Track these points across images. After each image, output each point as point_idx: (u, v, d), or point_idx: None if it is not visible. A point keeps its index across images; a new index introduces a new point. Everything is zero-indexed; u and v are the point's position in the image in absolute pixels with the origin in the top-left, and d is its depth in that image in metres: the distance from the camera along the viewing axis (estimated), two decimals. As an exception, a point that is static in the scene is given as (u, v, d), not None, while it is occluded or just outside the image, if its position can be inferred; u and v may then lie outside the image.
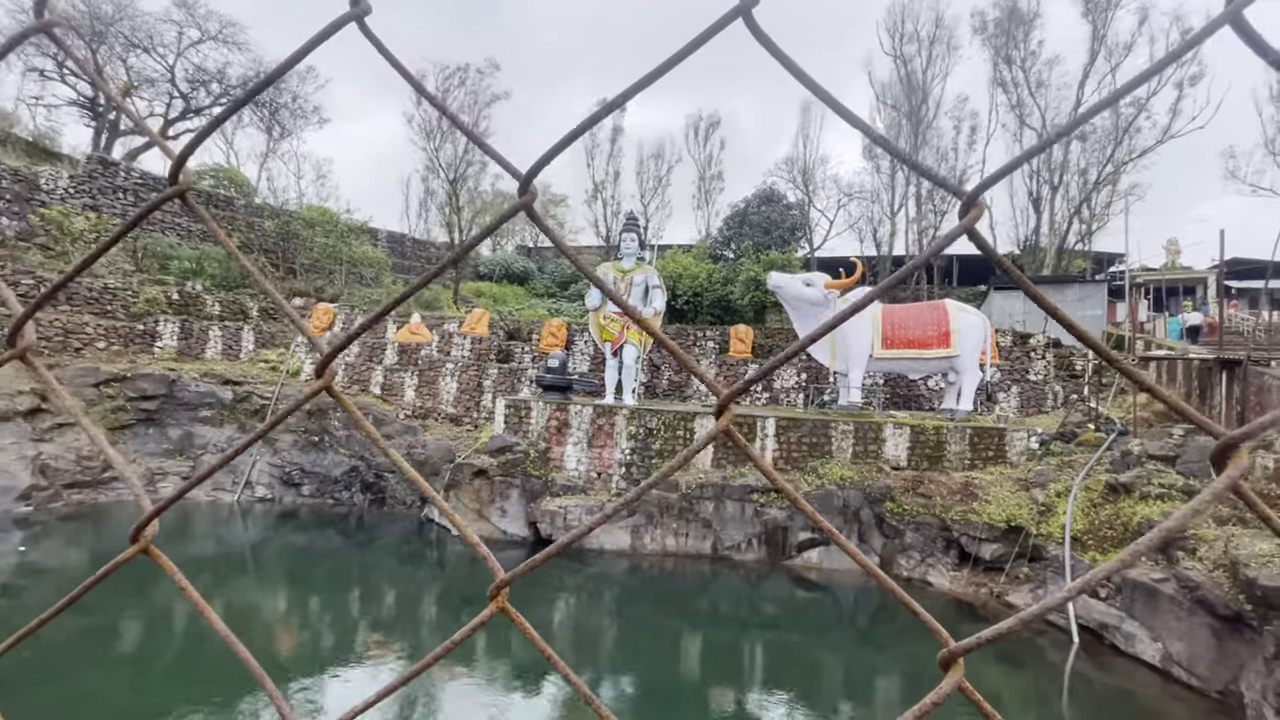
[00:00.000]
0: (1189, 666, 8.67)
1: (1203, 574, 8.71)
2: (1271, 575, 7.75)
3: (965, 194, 0.60)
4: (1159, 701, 8.40)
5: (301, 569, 12.33)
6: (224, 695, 7.42)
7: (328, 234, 26.83)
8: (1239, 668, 8.17)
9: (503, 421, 15.59)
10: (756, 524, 13.71)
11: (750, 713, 8.03)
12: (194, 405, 17.12)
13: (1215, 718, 7.96)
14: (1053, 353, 19.83)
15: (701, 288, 25.81)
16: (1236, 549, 8.50)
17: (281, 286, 24.62)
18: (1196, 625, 8.62)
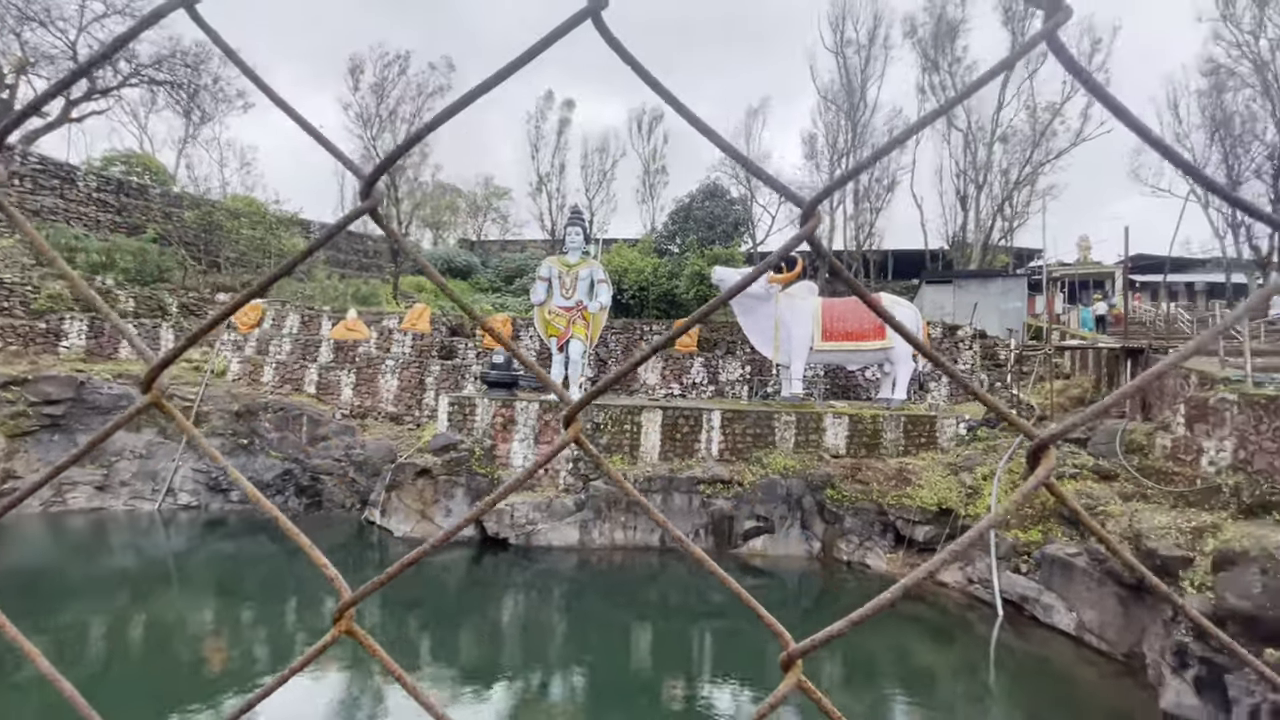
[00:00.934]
0: (1099, 633, 9.38)
1: (1111, 547, 9.41)
2: (1169, 545, 8.47)
3: (805, 203, 0.62)
4: (1073, 666, 9.05)
5: (232, 579, 11.71)
6: (147, 716, 7.00)
7: (254, 225, 25.47)
8: (1141, 631, 8.90)
9: (446, 419, 15.24)
10: (704, 514, 13.93)
11: (700, 700, 8.18)
12: (107, 409, 15.95)
13: (1121, 678, 8.64)
14: (979, 343, 20.95)
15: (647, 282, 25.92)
16: (1139, 523, 9.24)
17: (204, 281, 23.23)
18: (1105, 595, 9.33)
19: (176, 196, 26.78)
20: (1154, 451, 11.10)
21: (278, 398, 17.45)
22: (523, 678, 8.63)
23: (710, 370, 19.72)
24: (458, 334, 21.31)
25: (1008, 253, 36.04)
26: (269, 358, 18.80)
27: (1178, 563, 8.19)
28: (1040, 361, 17.78)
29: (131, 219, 24.51)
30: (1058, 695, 8.39)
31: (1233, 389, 9.53)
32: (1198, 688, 7.22)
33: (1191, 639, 7.39)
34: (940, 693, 8.60)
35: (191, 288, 22.25)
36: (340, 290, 25.28)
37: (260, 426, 16.64)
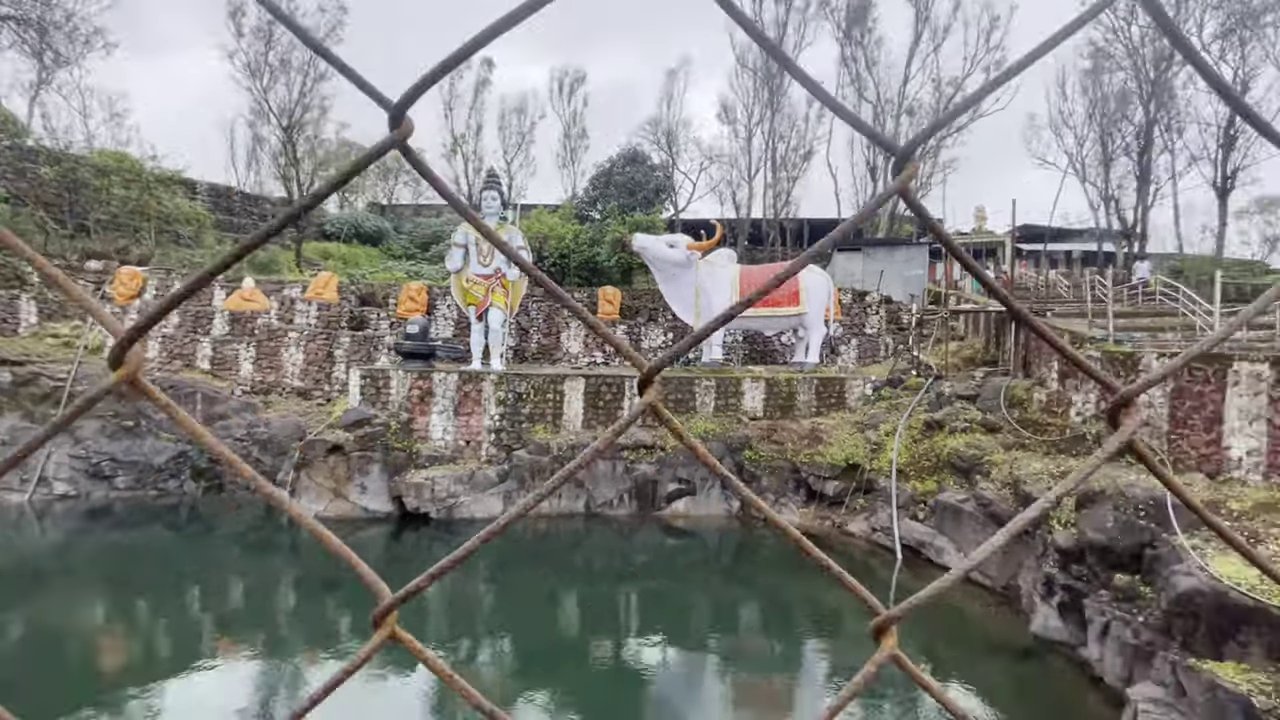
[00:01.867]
0: (982, 570, 10.38)
1: (994, 492, 10.40)
2: (1041, 489, 9.44)
3: (898, 149, 0.55)
4: (961, 600, 10.01)
5: (122, 571, 10.85)
6: None
7: (128, 184, 22.91)
8: (1018, 566, 9.94)
9: (359, 393, 14.58)
10: (627, 480, 14.18)
11: (627, 658, 8.45)
12: (-43, 392, 14.15)
13: (1000, 608, 9.66)
14: (884, 308, 22.17)
15: (568, 249, 25.53)
16: (1018, 469, 10.23)
17: (70, 247, 20.78)
18: (988, 535, 10.30)
19: (31, 150, 23.58)
20: (1032, 405, 12.25)
21: (166, 374, 16.07)
22: (449, 650, 8.59)
23: (633, 338, 19.84)
24: (369, 303, 20.27)
25: (912, 222, 38.09)
26: (153, 331, 17.17)
27: (1048, 504, 9.15)
28: (938, 325, 19.06)
29: (-26, 175, 21.44)
30: (948, 627, 9.27)
31: (1097, 346, 10.62)
32: (1061, 612, 8.18)
33: (1058, 570, 8.34)
34: (846, 630, 9.30)
35: (55, 254, 19.85)
36: (234, 257, 23.31)
37: (146, 406, 15.27)
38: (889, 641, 0.60)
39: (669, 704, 7.22)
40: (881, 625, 0.60)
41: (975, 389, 14.03)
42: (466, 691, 0.64)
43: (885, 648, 0.60)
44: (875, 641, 0.60)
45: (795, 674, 8.16)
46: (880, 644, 0.60)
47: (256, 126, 34.20)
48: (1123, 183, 34.85)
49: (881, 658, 0.59)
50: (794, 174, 37.15)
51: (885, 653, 0.60)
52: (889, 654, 0.60)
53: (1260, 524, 7.02)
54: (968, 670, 8.01)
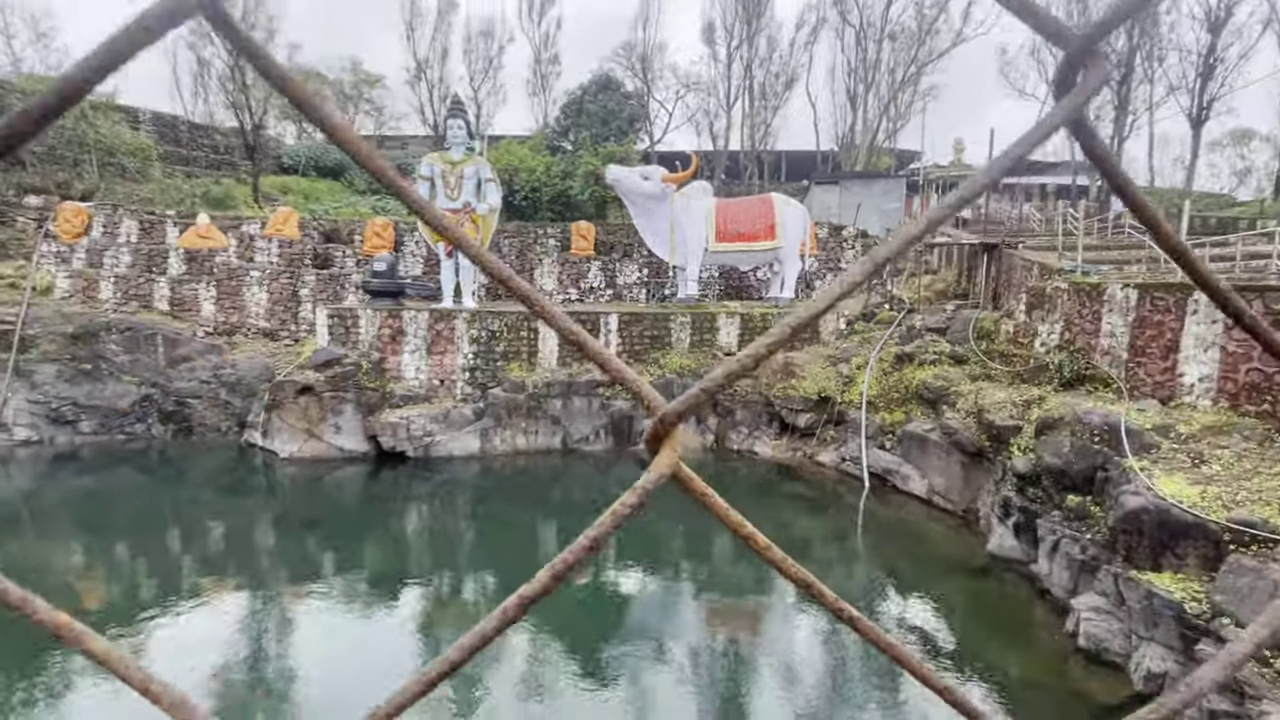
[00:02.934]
0: (945, 494, 10.86)
1: (959, 421, 10.73)
2: (1004, 417, 9.75)
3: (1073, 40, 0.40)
4: (923, 524, 10.50)
5: (95, 516, 10.76)
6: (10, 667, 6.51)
7: (63, 113, 21.29)
8: (978, 491, 10.40)
9: (327, 333, 14.25)
10: (603, 416, 14.30)
11: (606, 586, 8.75)
12: (-102, 336, 13.48)
13: (960, 530, 10.16)
14: (861, 242, 22.11)
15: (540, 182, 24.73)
16: (982, 399, 10.53)
17: (5, 181, 19.45)
18: (952, 462, 10.72)
19: (-53, 73, 21.66)
20: (999, 336, 12.49)
21: (123, 316, 15.47)
22: (430, 582, 8.79)
23: (608, 274, 19.57)
24: (333, 240, 19.55)
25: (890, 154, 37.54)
26: (105, 271, 16.43)
27: (1010, 431, 9.49)
28: (912, 258, 19.11)
29: (-113, 101, 19.69)
30: (911, 549, 9.75)
31: (1065, 278, 10.76)
32: (1016, 532, 8.63)
33: (1015, 493, 8.73)
34: (815, 556, 9.72)
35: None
36: (186, 191, 22.15)
37: (105, 349, 14.79)
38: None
39: (645, 627, 7.55)
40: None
41: (946, 322, 14.23)
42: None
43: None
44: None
45: (763, 596, 8.56)
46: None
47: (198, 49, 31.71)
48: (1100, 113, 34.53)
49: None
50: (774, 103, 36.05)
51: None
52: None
53: (1205, 445, 7.38)
54: (926, 586, 8.48)
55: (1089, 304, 9.92)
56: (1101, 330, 9.57)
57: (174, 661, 6.62)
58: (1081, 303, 10.11)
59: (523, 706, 5.98)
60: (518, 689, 6.22)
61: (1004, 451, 9.53)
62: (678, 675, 6.50)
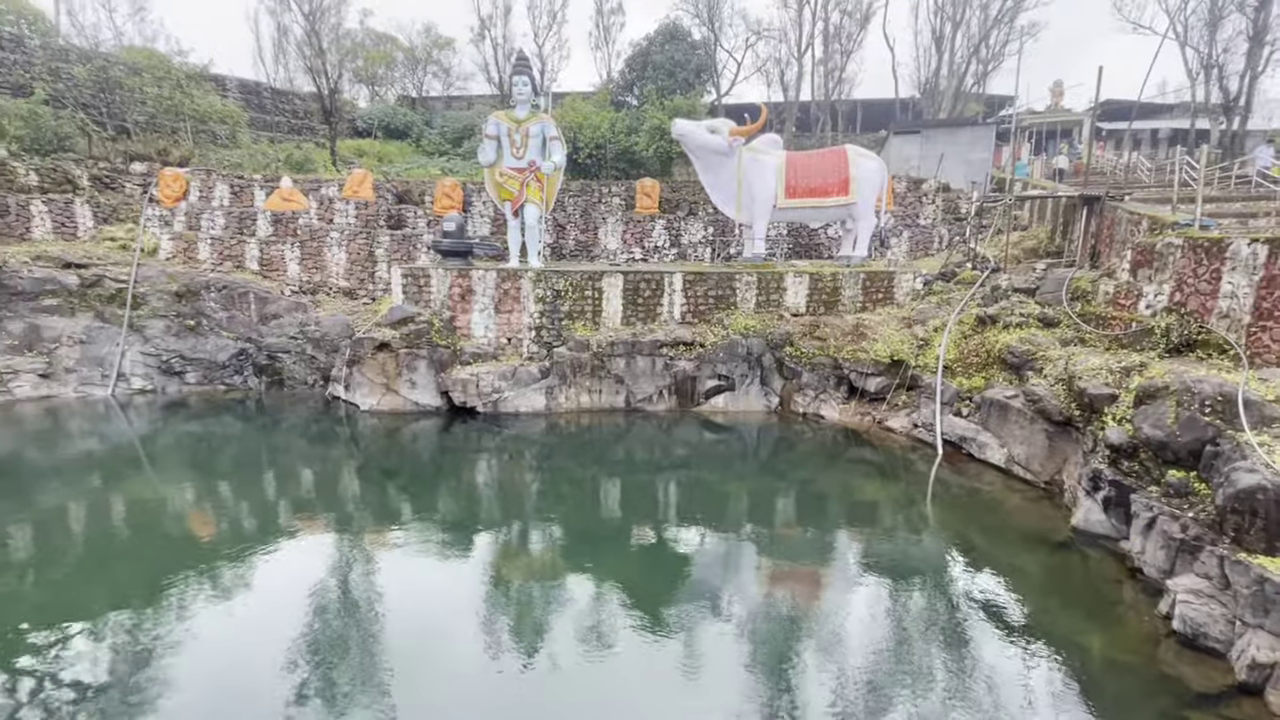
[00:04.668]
0: (1025, 464, 10.28)
1: (1045, 388, 10.05)
2: (1098, 385, 9.05)
3: None
4: (1000, 494, 10.01)
5: (204, 458, 11.79)
6: (137, 593, 7.28)
7: (159, 82, 22.60)
8: (1063, 462, 9.78)
9: (401, 292, 14.79)
10: (666, 376, 14.29)
11: (667, 543, 8.87)
12: (32, 294, 14.97)
13: (1040, 502, 9.63)
14: (942, 197, 20.74)
15: (604, 139, 24.39)
16: (1074, 365, 9.79)
17: (114, 149, 20.96)
18: (1035, 431, 10.10)
19: (62, 50, 23.29)
20: (1097, 298, 11.52)
21: (220, 275, 16.58)
22: (501, 531, 9.18)
23: (672, 233, 19.27)
24: (405, 201, 20.10)
25: (979, 100, 34.73)
26: (202, 233, 17.57)
27: (1104, 400, 8.81)
28: (1000, 213, 17.79)
29: (12, 77, 21.42)
30: (986, 520, 9.34)
31: (1180, 233, 9.72)
32: (1105, 507, 8.08)
33: (1106, 465, 8.14)
34: (883, 523, 9.49)
35: (101, 156, 20.10)
36: (270, 156, 23.20)
37: (205, 306, 15.94)
38: None
39: (705, 586, 7.62)
40: None
41: (1036, 281, 13.25)
42: None
43: None
44: None
45: (828, 561, 8.44)
46: None
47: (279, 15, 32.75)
48: (1230, 45, 30.50)
49: None
50: (848, 47, 33.89)
51: None
52: None
53: (1339, 421, 6.59)
54: (1002, 558, 8.12)
55: (1207, 262, 8.94)
56: (1220, 291, 8.63)
57: (272, 592, 7.24)
58: (1198, 260, 9.12)
59: (581, 663, 6.19)
60: (576, 645, 6.44)
61: (1096, 421, 8.88)
62: (735, 638, 6.55)
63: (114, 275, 15.84)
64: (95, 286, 15.63)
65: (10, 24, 23.29)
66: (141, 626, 6.47)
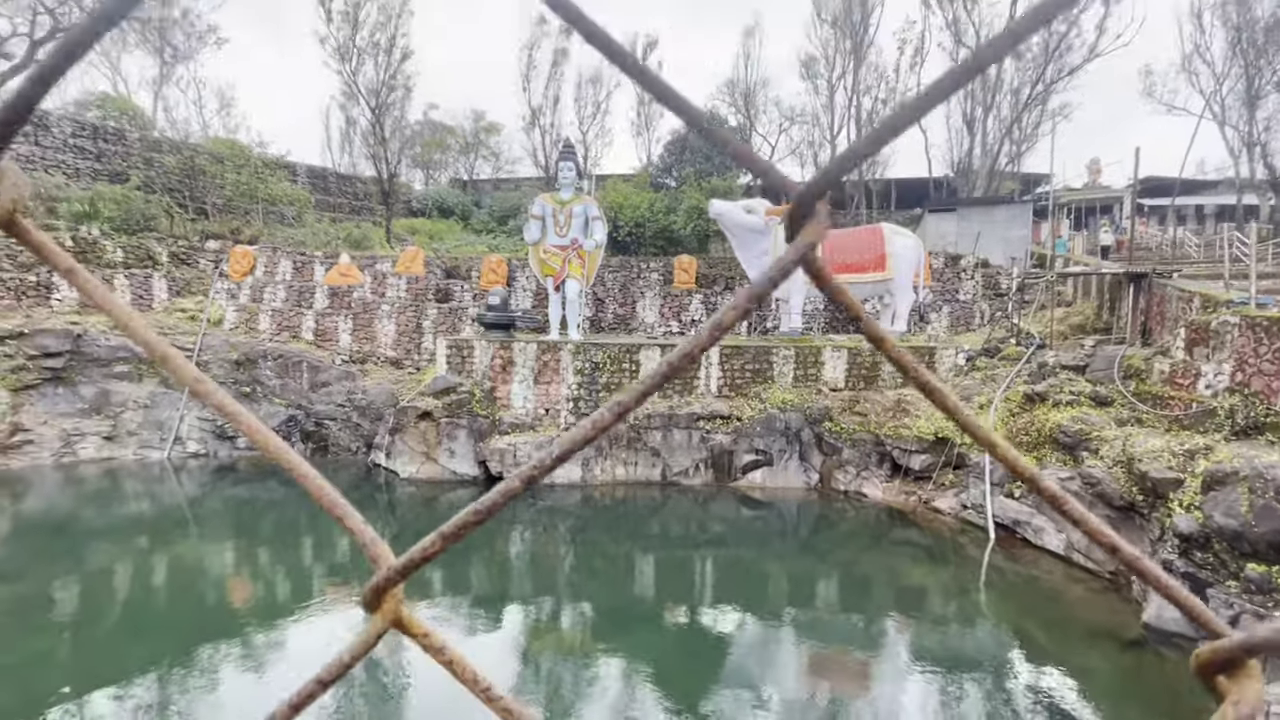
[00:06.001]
0: (1086, 553, 9.66)
1: (1103, 470, 9.57)
2: (1160, 468, 8.59)
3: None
4: (1061, 585, 9.37)
5: (247, 522, 12.05)
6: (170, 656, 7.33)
7: (239, 169, 24.76)
8: (1129, 550, 9.15)
9: (445, 362, 15.27)
10: (703, 449, 14.15)
11: (703, 623, 8.53)
12: (106, 361, 15.99)
13: (1106, 594, 8.96)
14: (981, 273, 20.67)
15: (643, 218, 25.38)
16: (1133, 447, 9.35)
17: (193, 229, 22.79)
18: (1096, 516, 9.53)
19: (156, 141, 25.90)
20: (1151, 376, 11.11)
21: (276, 345, 17.45)
22: (533, 606, 8.98)
23: (709, 307, 19.58)
24: (453, 276, 21.06)
25: (1014, 179, 35.06)
26: (264, 305, 18.67)
27: (1169, 484, 8.33)
28: (1043, 289, 17.58)
29: (112, 165, 23.82)
30: (1047, 612, 8.72)
31: (1235, 311, 9.43)
32: (1180, 601, 7.47)
33: (1177, 556, 7.60)
34: (933, 612, 8.94)
35: (180, 235, 21.85)
36: (331, 234, 24.83)
37: (261, 374, 16.71)
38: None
39: (743, 671, 7.24)
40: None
41: (1085, 359, 12.88)
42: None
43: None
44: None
45: (876, 650, 7.95)
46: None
47: (348, 108, 35.87)
48: (1271, 123, 30.42)
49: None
50: (881, 131, 34.90)
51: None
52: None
53: None
54: (1067, 656, 7.51)
55: (1268, 341, 8.60)
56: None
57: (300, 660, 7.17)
58: (1258, 339, 8.79)
59: (620, 744, 5.89)
60: (615, 725, 6.15)
61: (1161, 507, 8.37)
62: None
63: (181, 344, 16.82)
64: (163, 354, 16.60)
65: (115, 120, 26.11)
66: (170, 692, 6.46)
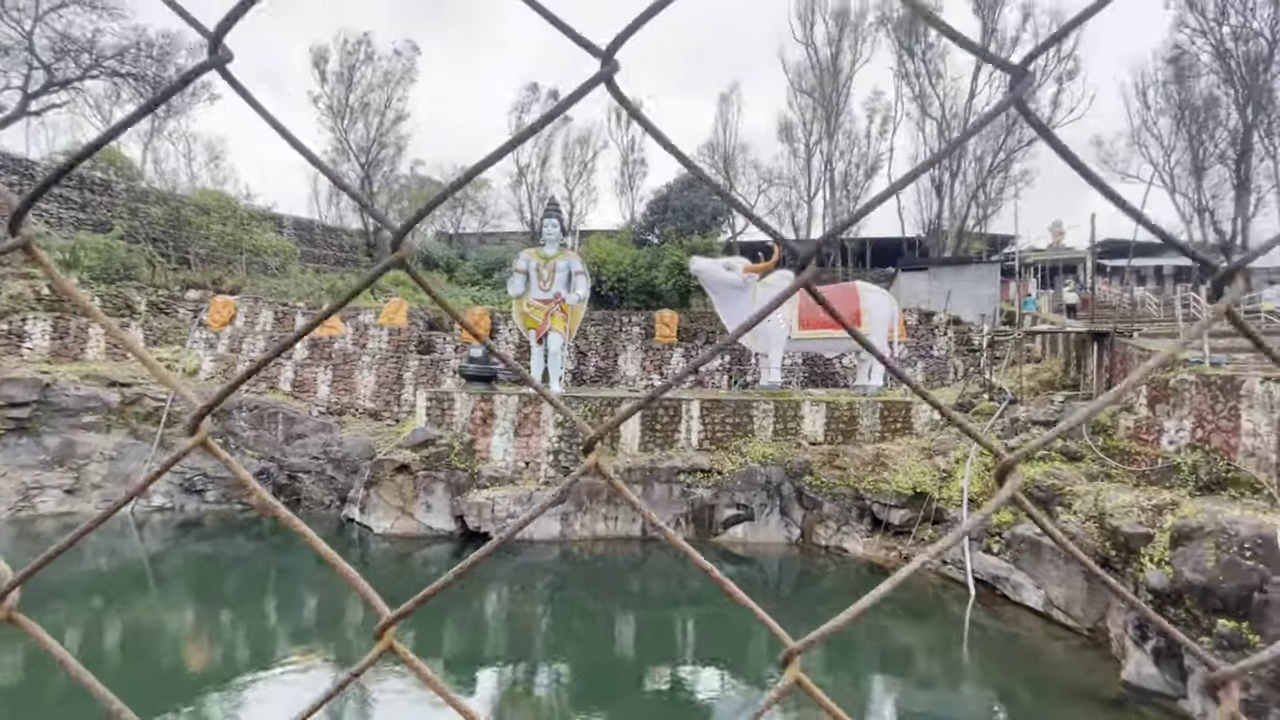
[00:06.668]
0: (1065, 609, 9.68)
1: (1077, 525, 9.70)
2: (1131, 523, 8.75)
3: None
4: (1041, 641, 9.34)
5: (210, 580, 11.59)
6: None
7: (224, 221, 24.98)
8: (1106, 607, 9.20)
9: (425, 414, 15.16)
10: (684, 504, 14.06)
11: (683, 684, 8.31)
12: (74, 411, 15.61)
13: (1086, 651, 8.94)
14: (953, 329, 21.30)
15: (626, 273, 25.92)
16: (1104, 501, 9.52)
17: (174, 278, 22.74)
18: (1071, 572, 9.62)
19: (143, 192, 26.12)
20: (1118, 432, 11.42)
21: (253, 396, 17.21)
22: (508, 669, 8.69)
23: (690, 361, 19.83)
24: (436, 328, 21.15)
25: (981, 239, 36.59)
26: (242, 355, 18.52)
27: (1139, 539, 8.47)
28: (1012, 346, 18.14)
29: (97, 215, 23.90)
30: (1027, 670, 8.66)
31: (1192, 370, 9.83)
32: (1156, 658, 7.50)
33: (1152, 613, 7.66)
34: (918, 672, 8.82)
35: (160, 285, 21.78)
36: (315, 285, 24.92)
37: (235, 426, 16.41)
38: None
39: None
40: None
41: (1054, 414, 13.22)
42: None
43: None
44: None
45: (861, 713, 7.79)
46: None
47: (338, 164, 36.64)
48: (1218, 192, 32.40)
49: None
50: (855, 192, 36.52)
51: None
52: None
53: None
54: (1050, 716, 7.43)
55: (1223, 399, 8.96)
56: (1242, 429, 8.57)
57: (264, 733, 6.83)
58: (1213, 397, 9.15)
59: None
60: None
61: (1134, 562, 8.48)
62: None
63: (154, 394, 16.54)
64: (134, 404, 16.28)
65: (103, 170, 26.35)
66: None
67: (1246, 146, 30.08)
